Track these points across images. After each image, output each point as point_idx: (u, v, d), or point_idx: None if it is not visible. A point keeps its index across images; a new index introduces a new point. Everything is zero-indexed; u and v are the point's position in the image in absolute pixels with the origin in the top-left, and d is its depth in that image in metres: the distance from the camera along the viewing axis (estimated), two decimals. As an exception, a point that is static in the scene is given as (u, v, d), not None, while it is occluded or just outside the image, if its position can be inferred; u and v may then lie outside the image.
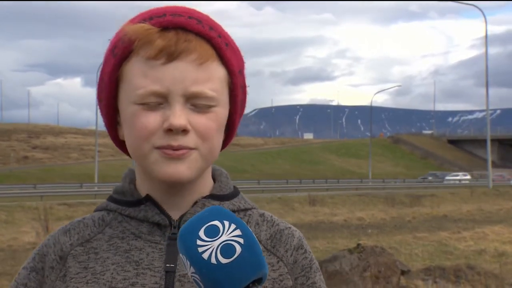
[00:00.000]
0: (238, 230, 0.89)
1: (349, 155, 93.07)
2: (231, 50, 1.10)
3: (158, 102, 1.04)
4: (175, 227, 1.10)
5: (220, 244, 0.87)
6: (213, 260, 0.87)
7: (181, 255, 0.90)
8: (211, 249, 0.87)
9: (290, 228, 1.18)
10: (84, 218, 1.16)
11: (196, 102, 1.05)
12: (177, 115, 1.03)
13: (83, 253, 1.11)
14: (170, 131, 1.03)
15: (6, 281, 10.51)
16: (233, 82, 1.11)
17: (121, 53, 1.07)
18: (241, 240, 0.88)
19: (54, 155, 71.53)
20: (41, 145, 75.71)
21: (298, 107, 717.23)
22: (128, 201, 1.13)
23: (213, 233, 0.88)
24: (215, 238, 0.88)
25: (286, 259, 1.14)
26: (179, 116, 1.03)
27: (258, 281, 0.90)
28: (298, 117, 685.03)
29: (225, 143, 1.15)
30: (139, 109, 1.05)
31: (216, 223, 0.89)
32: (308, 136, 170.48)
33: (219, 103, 1.08)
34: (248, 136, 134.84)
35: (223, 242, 0.87)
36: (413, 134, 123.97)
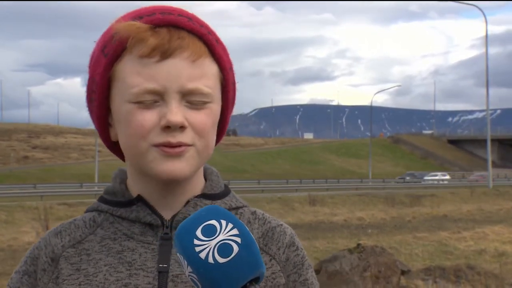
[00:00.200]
0: (235, 229, 0.89)
1: (349, 155, 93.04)
2: (221, 46, 1.11)
3: (153, 100, 1.04)
4: (167, 227, 1.09)
5: (217, 243, 0.87)
6: (211, 260, 0.87)
7: (178, 254, 0.90)
8: (208, 249, 0.87)
9: (281, 225, 1.17)
10: (75, 219, 1.15)
11: (192, 99, 1.05)
12: (174, 112, 1.02)
13: (75, 255, 1.10)
14: (168, 128, 1.03)
15: (6, 281, 10.51)
16: (225, 78, 1.11)
17: (112, 52, 1.06)
18: (238, 240, 0.88)
19: (54, 155, 71.49)
20: (41, 145, 75.68)
21: (298, 107, 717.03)
22: (119, 201, 1.12)
23: (210, 232, 0.88)
24: (212, 238, 0.88)
25: (278, 257, 1.13)
26: (176, 113, 1.02)
27: (256, 280, 0.89)
28: (298, 117, 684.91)
29: (216, 140, 1.15)
30: (134, 107, 1.04)
31: (213, 222, 0.89)
32: (308, 136, 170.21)
33: (213, 99, 1.08)
34: (248, 136, 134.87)
35: (220, 241, 0.87)
36: (413, 134, 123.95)
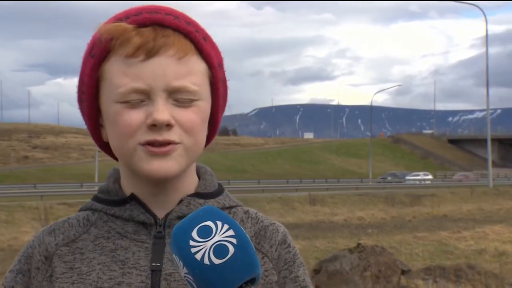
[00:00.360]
0: (231, 230, 0.89)
1: (349, 154, 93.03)
2: (209, 44, 1.10)
3: (140, 99, 1.04)
4: (160, 225, 1.09)
5: (213, 244, 0.87)
6: (206, 261, 0.86)
7: (174, 255, 0.90)
8: (204, 250, 0.87)
9: (274, 224, 1.18)
10: (68, 218, 1.15)
11: (179, 97, 1.04)
12: (160, 110, 1.02)
13: (68, 253, 1.10)
14: (154, 126, 1.03)
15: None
16: (214, 76, 1.10)
17: (99, 54, 1.07)
18: (234, 241, 0.88)
19: (54, 154, 71.50)
20: (41, 145, 75.70)
21: (298, 106, 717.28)
22: (113, 200, 1.13)
23: (206, 233, 0.88)
24: (208, 239, 0.87)
25: (271, 254, 1.13)
26: (162, 111, 1.02)
27: (251, 281, 0.89)
28: (298, 116, 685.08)
29: (209, 138, 1.15)
30: (121, 107, 1.04)
31: (209, 223, 0.89)
32: (308, 135, 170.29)
33: (201, 97, 1.07)
34: (248, 136, 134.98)
35: (216, 242, 0.87)
36: (413, 133, 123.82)
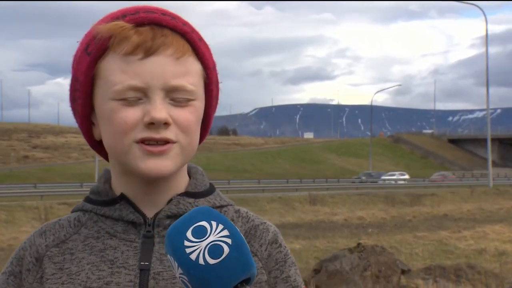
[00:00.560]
0: (226, 230, 0.89)
1: (349, 154, 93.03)
2: (204, 45, 1.11)
3: (137, 97, 1.04)
4: (149, 225, 1.10)
5: (208, 244, 0.87)
6: (201, 261, 0.86)
7: (168, 256, 0.90)
8: (198, 250, 0.87)
9: (265, 223, 1.17)
10: (60, 219, 1.16)
11: (176, 96, 1.05)
12: (158, 109, 1.02)
13: (58, 254, 1.11)
14: (152, 124, 1.02)
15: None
16: (208, 77, 1.11)
17: (96, 51, 1.06)
18: (228, 241, 0.88)
19: (55, 154, 71.50)
20: (41, 144, 75.68)
21: (298, 106, 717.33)
22: (103, 200, 1.13)
23: (200, 233, 0.88)
24: (203, 239, 0.87)
25: (260, 253, 1.13)
26: (160, 109, 1.02)
27: (247, 281, 0.89)
28: (298, 116, 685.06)
29: (200, 138, 1.15)
30: (117, 105, 1.04)
31: (204, 223, 0.89)
32: (309, 135, 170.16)
33: (197, 97, 1.08)
34: (248, 136, 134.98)
35: (210, 242, 0.87)
36: (413, 133, 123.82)
